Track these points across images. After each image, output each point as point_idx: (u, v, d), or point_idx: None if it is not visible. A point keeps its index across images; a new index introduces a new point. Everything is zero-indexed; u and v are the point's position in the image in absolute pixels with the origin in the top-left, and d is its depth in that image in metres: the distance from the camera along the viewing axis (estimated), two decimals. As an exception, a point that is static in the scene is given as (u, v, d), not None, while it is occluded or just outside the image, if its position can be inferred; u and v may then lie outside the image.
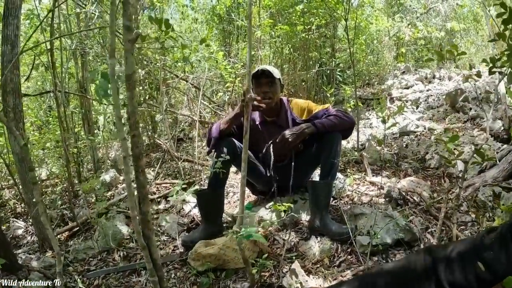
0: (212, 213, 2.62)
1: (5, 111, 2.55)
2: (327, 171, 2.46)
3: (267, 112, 2.70)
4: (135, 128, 1.00)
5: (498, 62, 2.08)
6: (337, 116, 2.48)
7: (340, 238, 2.27)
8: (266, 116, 2.74)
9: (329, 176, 2.45)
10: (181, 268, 2.32)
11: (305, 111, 2.68)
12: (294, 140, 2.42)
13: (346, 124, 2.50)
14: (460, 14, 10.07)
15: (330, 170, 2.45)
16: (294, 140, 2.42)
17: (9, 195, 4.21)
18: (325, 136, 2.47)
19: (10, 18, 2.62)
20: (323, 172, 2.49)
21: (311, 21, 5.18)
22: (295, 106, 2.73)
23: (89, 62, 4.72)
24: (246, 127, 1.56)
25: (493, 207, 2.49)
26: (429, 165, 3.50)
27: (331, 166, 2.44)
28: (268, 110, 2.62)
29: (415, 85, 6.69)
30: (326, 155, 2.46)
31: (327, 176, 2.45)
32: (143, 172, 1.05)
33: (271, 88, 2.55)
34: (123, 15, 0.98)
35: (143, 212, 1.11)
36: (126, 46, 0.98)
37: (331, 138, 2.46)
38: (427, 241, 2.22)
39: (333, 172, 2.47)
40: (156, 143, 4.98)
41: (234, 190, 3.44)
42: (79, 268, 2.49)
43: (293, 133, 2.42)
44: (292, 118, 2.68)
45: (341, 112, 2.52)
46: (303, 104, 2.72)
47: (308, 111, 2.67)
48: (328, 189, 2.45)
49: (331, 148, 2.45)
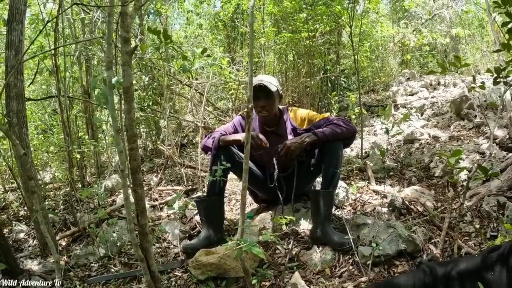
0: (212, 220, 2.60)
1: (9, 116, 2.55)
2: (328, 181, 2.44)
3: (266, 122, 2.74)
4: (132, 141, 1.00)
5: (503, 72, 2.06)
6: (338, 125, 2.47)
7: (342, 248, 2.25)
8: (266, 126, 2.76)
9: (331, 185, 2.44)
10: (181, 276, 2.30)
11: (305, 120, 2.69)
12: (296, 149, 2.41)
13: (347, 132, 2.48)
14: (465, 20, 10.04)
15: (331, 180, 2.43)
16: (296, 149, 2.41)
17: (12, 198, 4.21)
18: (327, 145, 2.46)
19: (14, 24, 2.63)
20: (325, 181, 2.47)
21: (316, 27, 5.17)
22: (295, 116, 2.75)
23: (93, 67, 4.74)
24: (247, 137, 1.55)
25: (497, 217, 2.46)
26: (433, 173, 3.46)
27: (332, 175, 2.43)
28: (267, 121, 2.70)
29: (420, 91, 6.66)
30: (327, 165, 2.45)
31: (329, 186, 2.44)
32: (141, 185, 1.04)
33: (268, 101, 2.58)
34: (121, 26, 0.97)
35: (141, 225, 1.10)
36: (124, 58, 0.98)
37: (333, 147, 2.45)
38: (430, 252, 2.19)
39: (335, 182, 2.45)
40: (160, 149, 4.98)
41: (236, 197, 3.43)
42: (80, 274, 2.48)
43: (294, 142, 2.42)
44: (292, 127, 2.69)
45: (342, 121, 2.52)
46: (303, 113, 2.73)
47: (308, 120, 2.68)
48: (330, 199, 2.43)
49: (332, 158, 2.44)
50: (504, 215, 2.45)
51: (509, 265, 0.98)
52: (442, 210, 2.64)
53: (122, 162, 0.97)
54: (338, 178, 2.48)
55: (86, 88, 4.52)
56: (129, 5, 0.96)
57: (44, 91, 6.62)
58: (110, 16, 0.99)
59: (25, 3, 2.74)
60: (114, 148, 4.81)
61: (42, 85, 6.62)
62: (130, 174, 1.04)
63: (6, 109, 2.60)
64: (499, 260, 1.01)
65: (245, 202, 1.59)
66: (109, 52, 1.01)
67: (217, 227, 2.60)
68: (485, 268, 1.02)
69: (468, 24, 10.09)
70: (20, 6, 2.67)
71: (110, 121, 3.72)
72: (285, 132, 2.68)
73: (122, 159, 0.97)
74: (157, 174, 4.25)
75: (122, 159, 0.97)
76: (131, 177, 1.03)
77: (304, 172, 2.63)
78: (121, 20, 0.96)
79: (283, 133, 2.69)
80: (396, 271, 2.08)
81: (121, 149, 0.97)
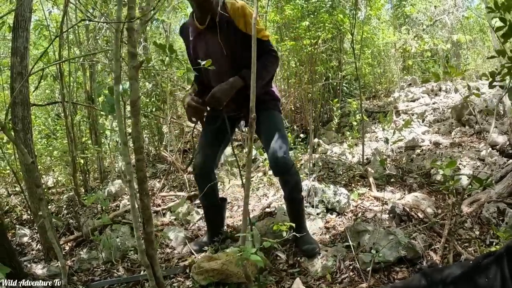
0: (212, 225, 2.70)
1: (14, 122, 2.58)
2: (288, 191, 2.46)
3: (198, 15, 2.29)
4: (139, 152, 1.03)
5: (498, 76, 2.06)
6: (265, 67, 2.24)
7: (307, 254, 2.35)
8: (199, 22, 2.30)
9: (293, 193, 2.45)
10: (184, 282, 2.32)
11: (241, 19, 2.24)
12: (225, 98, 2.21)
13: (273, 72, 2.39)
14: (466, 25, 10.08)
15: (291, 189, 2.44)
16: (224, 98, 2.21)
17: (16, 202, 4.24)
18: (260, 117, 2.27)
19: (19, 31, 2.66)
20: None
21: (318, 35, 5.21)
22: (235, 9, 2.24)
23: (97, 72, 4.78)
24: (250, 146, 1.58)
25: (497, 224, 2.48)
26: (434, 180, 3.49)
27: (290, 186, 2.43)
28: (199, 11, 2.26)
29: (421, 97, 6.69)
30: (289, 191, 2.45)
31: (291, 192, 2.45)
32: (147, 194, 1.07)
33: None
34: (128, 41, 1.00)
35: (147, 233, 1.13)
36: (131, 73, 1.01)
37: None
38: (429, 259, 2.21)
39: (294, 187, 2.44)
40: (162, 154, 5.01)
41: (238, 203, 3.46)
42: (83, 278, 2.50)
43: (222, 90, 2.20)
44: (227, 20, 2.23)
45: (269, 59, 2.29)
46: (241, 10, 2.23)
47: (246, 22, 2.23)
48: (296, 205, 2.47)
49: (289, 183, 2.42)
50: (504, 221, 2.47)
51: (503, 267, 1.00)
52: (442, 217, 2.66)
53: (128, 173, 1.01)
54: (294, 174, 2.41)
55: (90, 94, 4.56)
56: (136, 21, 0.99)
57: (48, 96, 6.66)
58: (117, 32, 1.03)
59: (30, 10, 2.77)
60: (117, 153, 4.86)
61: (45, 90, 6.67)
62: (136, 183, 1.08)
63: (11, 115, 2.63)
64: (493, 264, 1.03)
65: (247, 211, 1.62)
66: (116, 67, 1.04)
67: (216, 232, 2.67)
68: (480, 274, 1.04)
69: (469, 30, 10.14)
70: (26, 13, 2.70)
71: (114, 128, 3.72)
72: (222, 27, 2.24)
73: (129, 170, 1.00)
74: (160, 180, 4.28)
75: (129, 171, 1.00)
76: (138, 186, 1.06)
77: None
78: (128, 36, 0.99)
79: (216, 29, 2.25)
80: (396, 278, 2.10)
81: (128, 160, 1.00)
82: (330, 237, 2.63)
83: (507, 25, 1.86)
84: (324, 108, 6.52)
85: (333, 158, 4.36)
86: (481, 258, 1.10)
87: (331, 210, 2.98)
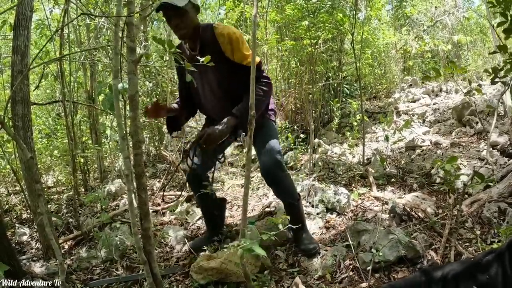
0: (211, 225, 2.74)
1: (14, 120, 2.58)
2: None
3: (190, 44, 2.36)
4: (137, 147, 1.02)
5: (501, 71, 2.05)
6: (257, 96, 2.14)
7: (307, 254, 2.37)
8: (192, 49, 2.36)
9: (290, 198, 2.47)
10: (183, 281, 2.32)
11: (228, 46, 2.28)
12: (219, 139, 2.23)
13: (266, 100, 2.36)
14: (467, 26, 10.08)
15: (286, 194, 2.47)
16: (219, 139, 2.23)
17: (15, 201, 4.24)
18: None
19: (20, 29, 2.66)
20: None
21: (318, 35, 5.20)
22: (221, 35, 2.27)
23: (98, 72, 4.78)
24: (249, 144, 1.57)
25: (498, 223, 2.47)
26: (434, 180, 3.48)
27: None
28: (190, 41, 2.33)
29: (422, 98, 6.68)
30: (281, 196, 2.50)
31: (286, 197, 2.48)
32: (145, 189, 1.07)
33: (181, 17, 2.19)
34: (127, 36, 1.00)
35: (145, 228, 1.13)
36: (130, 67, 1.00)
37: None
38: (430, 258, 2.20)
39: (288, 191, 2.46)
40: (163, 154, 5.00)
41: (238, 203, 3.45)
42: (82, 277, 2.50)
43: (218, 131, 2.21)
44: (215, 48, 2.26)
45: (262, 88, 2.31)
46: (227, 37, 2.27)
47: (234, 49, 2.28)
48: (292, 209, 2.48)
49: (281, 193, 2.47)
50: (505, 221, 2.46)
51: (505, 265, 0.98)
52: (443, 217, 2.64)
53: (127, 168, 1.00)
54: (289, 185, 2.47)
55: (91, 93, 4.56)
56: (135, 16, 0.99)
57: (49, 95, 6.66)
58: (116, 26, 1.02)
59: (31, 9, 2.78)
60: (117, 153, 4.85)
61: (46, 90, 6.67)
62: (134, 179, 1.07)
63: (12, 113, 2.64)
64: (494, 262, 1.02)
65: (246, 206, 1.61)
66: (116, 61, 1.04)
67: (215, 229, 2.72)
68: (481, 271, 1.03)
69: (470, 30, 10.13)
70: (27, 12, 2.71)
71: (114, 127, 3.72)
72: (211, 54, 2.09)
73: (127, 164, 1.00)
74: (160, 180, 4.27)
75: (127, 165, 1.00)
76: (136, 182, 1.06)
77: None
78: (127, 30, 0.99)
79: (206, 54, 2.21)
80: (396, 277, 2.10)
81: (127, 154, 1.00)
82: (330, 236, 2.62)
83: (509, 20, 1.86)
84: (324, 108, 6.51)
85: (334, 158, 4.36)
86: (482, 255, 1.09)
87: (331, 209, 2.97)
